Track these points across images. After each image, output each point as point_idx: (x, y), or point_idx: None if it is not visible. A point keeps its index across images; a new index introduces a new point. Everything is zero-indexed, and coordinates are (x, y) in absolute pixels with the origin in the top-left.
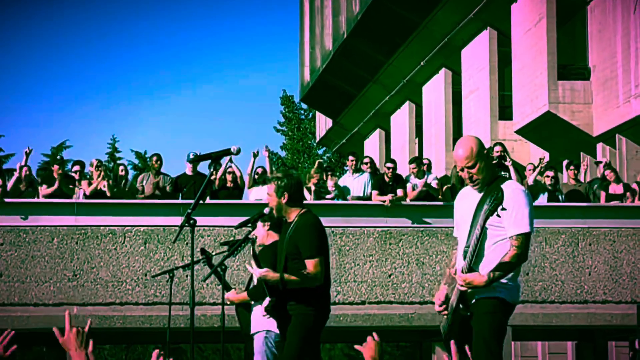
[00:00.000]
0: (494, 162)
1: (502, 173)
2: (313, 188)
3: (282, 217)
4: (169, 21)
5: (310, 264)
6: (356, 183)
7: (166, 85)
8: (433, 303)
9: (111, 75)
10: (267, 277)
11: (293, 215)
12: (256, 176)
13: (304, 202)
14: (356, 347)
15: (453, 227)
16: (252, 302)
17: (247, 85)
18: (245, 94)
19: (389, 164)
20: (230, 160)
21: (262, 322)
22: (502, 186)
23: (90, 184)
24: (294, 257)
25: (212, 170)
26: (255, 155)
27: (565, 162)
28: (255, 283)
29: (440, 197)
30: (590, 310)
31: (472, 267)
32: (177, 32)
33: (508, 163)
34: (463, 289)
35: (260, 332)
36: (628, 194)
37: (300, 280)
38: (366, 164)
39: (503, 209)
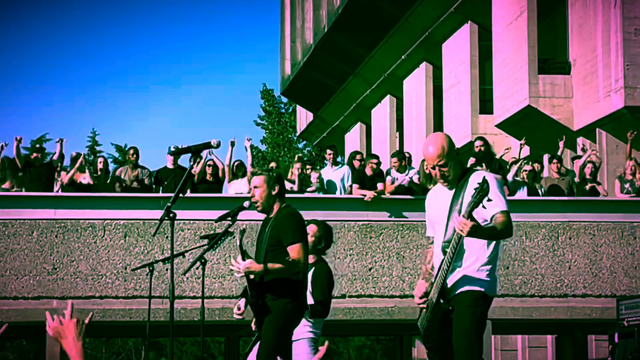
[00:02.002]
0: (479, 157)
1: (477, 168)
2: (296, 180)
3: (266, 210)
4: (150, 15)
5: (293, 250)
6: (335, 176)
7: (146, 79)
8: (413, 297)
9: (92, 69)
10: (251, 268)
11: (275, 209)
12: (235, 169)
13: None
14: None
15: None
16: None
17: (227, 78)
18: (225, 87)
19: (373, 159)
20: (210, 153)
21: (300, 330)
22: (474, 176)
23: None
24: (274, 248)
25: (192, 163)
26: (233, 145)
27: (547, 156)
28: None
29: (422, 192)
30: (570, 304)
31: (453, 260)
32: (158, 26)
33: (498, 156)
34: (462, 233)
35: (303, 339)
36: (600, 188)
37: (284, 267)
38: (354, 158)
39: (489, 200)
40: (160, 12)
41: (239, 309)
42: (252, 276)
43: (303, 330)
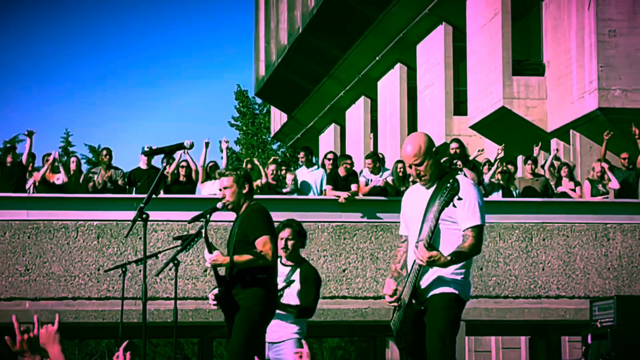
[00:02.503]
0: (455, 160)
1: (458, 168)
2: (271, 181)
3: (237, 209)
4: (125, 16)
5: (260, 243)
6: (310, 177)
7: (120, 80)
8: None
9: (64, 70)
10: (218, 260)
11: (244, 207)
12: (208, 170)
13: (258, 197)
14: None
15: None
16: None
17: (201, 79)
18: (199, 88)
19: (347, 161)
20: (186, 153)
21: (286, 330)
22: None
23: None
24: (241, 245)
25: (164, 164)
26: (207, 145)
27: (521, 157)
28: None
29: (395, 194)
30: (544, 305)
31: (433, 245)
32: (132, 27)
33: (459, 166)
34: (421, 263)
35: (289, 340)
36: (578, 189)
37: (251, 259)
38: (329, 160)
39: (459, 198)
40: (135, 13)
41: (214, 297)
42: (220, 271)
43: (289, 331)
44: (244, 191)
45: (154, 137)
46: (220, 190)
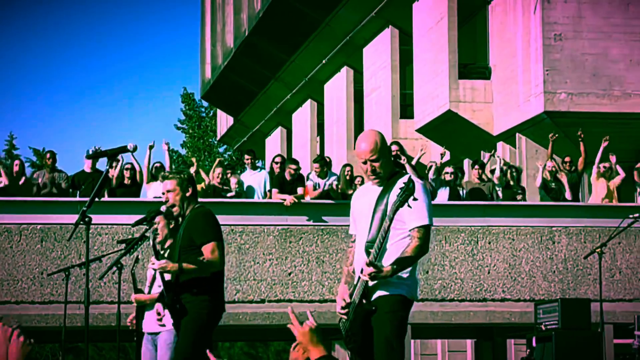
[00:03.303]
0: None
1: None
2: (216, 184)
3: (181, 213)
4: (69, 16)
5: (207, 249)
6: (255, 180)
7: (65, 82)
8: (333, 301)
9: (7, 72)
10: (167, 267)
11: (189, 211)
12: (154, 171)
13: (203, 200)
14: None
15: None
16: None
17: (147, 82)
18: (145, 91)
19: (292, 165)
20: (132, 156)
21: (165, 320)
22: (402, 179)
23: None
24: (187, 249)
25: (108, 167)
26: (151, 147)
27: (468, 161)
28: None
29: (342, 198)
30: (489, 309)
31: (376, 260)
32: (76, 26)
33: (403, 161)
34: (366, 278)
35: (167, 330)
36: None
37: (199, 267)
38: (277, 163)
39: (415, 199)
40: (78, 14)
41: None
42: (167, 277)
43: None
44: (188, 194)
45: (100, 140)
46: (164, 193)
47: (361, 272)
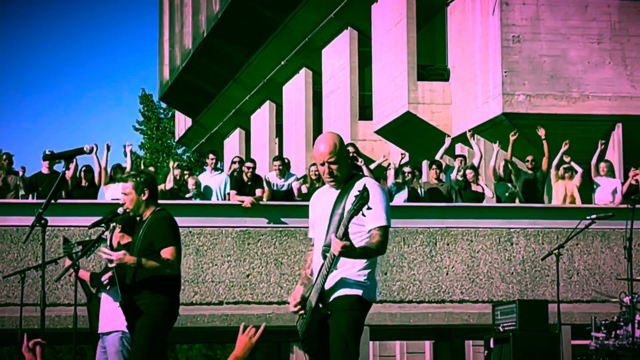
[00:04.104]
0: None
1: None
2: (172, 185)
3: (138, 216)
4: (27, 14)
5: (167, 252)
6: (214, 181)
7: (21, 81)
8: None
9: None
10: (124, 259)
11: (148, 213)
12: (112, 172)
13: (161, 202)
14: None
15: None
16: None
17: (105, 83)
18: (103, 92)
19: (249, 164)
20: (95, 155)
21: (115, 322)
22: (359, 182)
23: None
24: (146, 252)
25: (64, 169)
26: (109, 149)
27: (426, 162)
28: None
29: (303, 198)
30: (448, 310)
31: (332, 264)
32: (34, 27)
33: (360, 163)
34: (335, 253)
35: (115, 333)
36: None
37: (158, 265)
38: (235, 162)
39: (369, 208)
40: (38, 12)
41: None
42: (123, 275)
43: (119, 323)
44: (144, 197)
45: (58, 141)
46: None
47: (326, 253)
